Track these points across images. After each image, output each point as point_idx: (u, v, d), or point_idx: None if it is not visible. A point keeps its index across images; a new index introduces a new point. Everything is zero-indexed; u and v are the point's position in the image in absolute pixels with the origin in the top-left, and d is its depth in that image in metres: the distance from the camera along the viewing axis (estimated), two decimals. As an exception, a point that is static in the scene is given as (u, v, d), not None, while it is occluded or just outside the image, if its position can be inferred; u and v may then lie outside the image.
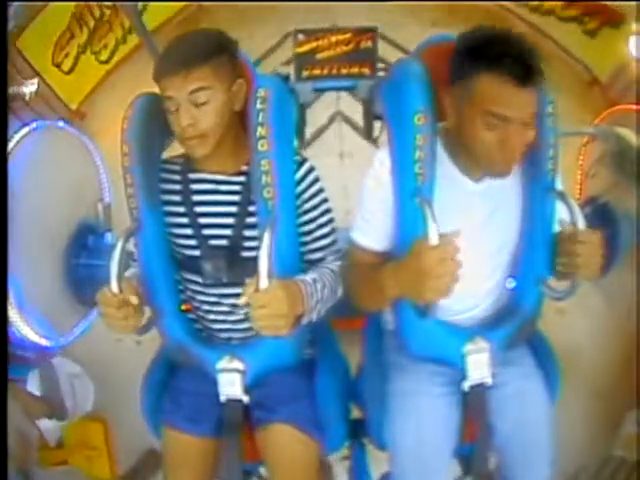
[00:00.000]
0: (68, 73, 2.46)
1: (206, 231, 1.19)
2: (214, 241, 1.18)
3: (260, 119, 1.10)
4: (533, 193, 1.17)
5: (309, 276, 1.10)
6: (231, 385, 1.17)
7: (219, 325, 1.25)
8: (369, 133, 2.39)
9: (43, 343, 1.91)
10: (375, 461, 1.47)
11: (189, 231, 1.19)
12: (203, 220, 1.19)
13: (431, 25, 2.94)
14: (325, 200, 1.20)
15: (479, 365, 1.17)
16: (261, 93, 1.11)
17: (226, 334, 1.26)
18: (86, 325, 2.14)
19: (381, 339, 1.34)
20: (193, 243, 1.19)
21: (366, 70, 2.21)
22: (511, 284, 1.23)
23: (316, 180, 1.18)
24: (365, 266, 1.15)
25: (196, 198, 1.19)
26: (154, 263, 1.19)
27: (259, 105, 1.10)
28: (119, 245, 1.08)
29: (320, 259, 1.21)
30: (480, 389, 1.18)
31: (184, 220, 1.19)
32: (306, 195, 1.17)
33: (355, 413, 1.40)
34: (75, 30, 2.40)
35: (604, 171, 2.30)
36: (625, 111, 2.23)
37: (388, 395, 1.23)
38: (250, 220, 1.17)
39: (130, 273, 1.21)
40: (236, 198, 1.18)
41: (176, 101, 1.08)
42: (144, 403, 1.33)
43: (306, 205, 1.17)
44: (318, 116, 2.72)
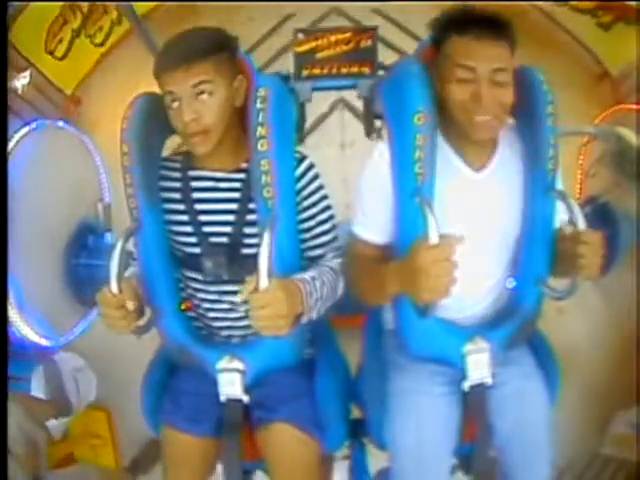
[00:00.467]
0: (62, 59, 2.42)
1: (206, 228, 1.19)
2: (214, 238, 1.18)
3: (260, 119, 1.10)
4: (533, 193, 1.17)
5: (308, 274, 1.10)
6: (231, 385, 1.17)
7: (219, 323, 1.25)
8: (370, 133, 2.39)
9: (43, 343, 1.91)
10: (375, 461, 1.47)
11: (189, 228, 1.19)
12: (203, 217, 1.19)
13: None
14: (325, 197, 1.20)
15: (479, 365, 1.17)
16: (261, 93, 1.11)
17: (226, 332, 1.26)
18: (86, 325, 2.14)
19: (381, 338, 1.34)
20: (193, 240, 1.20)
21: (366, 69, 2.21)
22: (511, 284, 1.23)
23: (316, 177, 1.18)
24: (368, 260, 1.16)
25: (196, 195, 1.19)
26: (154, 262, 1.19)
27: (259, 105, 1.10)
28: (119, 245, 1.08)
29: (320, 256, 1.21)
30: (480, 389, 1.18)
31: (184, 218, 1.19)
32: (306, 192, 1.17)
33: (355, 413, 1.40)
34: (68, 16, 2.36)
35: (604, 171, 2.30)
36: (626, 111, 2.23)
37: (388, 395, 1.23)
38: (250, 217, 1.17)
39: (130, 273, 1.21)
40: (236, 195, 1.18)
41: (177, 95, 1.08)
42: (144, 403, 1.33)
43: (306, 202, 1.17)
44: (319, 104, 2.65)
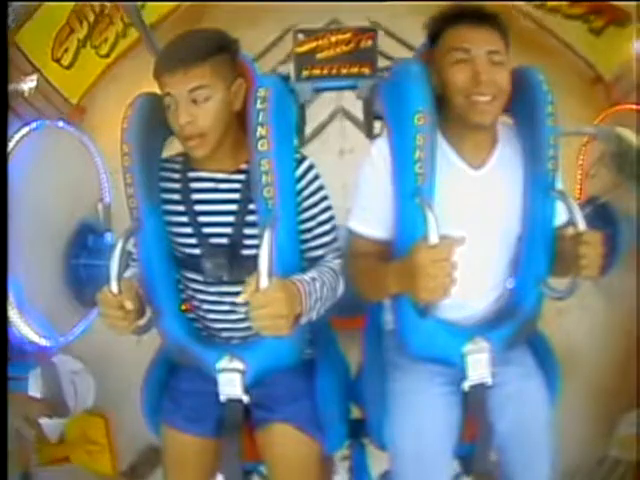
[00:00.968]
0: (68, 68, 2.45)
1: (206, 229, 1.19)
2: (214, 239, 1.18)
3: (260, 119, 1.10)
4: (533, 193, 1.17)
5: (308, 275, 1.10)
6: (231, 385, 1.17)
7: (219, 324, 1.25)
8: (370, 133, 2.39)
9: (43, 343, 1.91)
10: (375, 461, 1.47)
11: (189, 230, 1.19)
12: (203, 219, 1.19)
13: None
14: (325, 197, 1.20)
15: (479, 365, 1.17)
16: (261, 93, 1.11)
17: (226, 333, 1.26)
18: (86, 325, 2.14)
19: (381, 339, 1.34)
20: (193, 242, 1.19)
21: (366, 70, 2.21)
22: (511, 284, 1.23)
23: (316, 177, 1.18)
24: (367, 258, 1.16)
25: (196, 197, 1.19)
26: (154, 263, 1.18)
27: (259, 105, 1.10)
28: (119, 245, 1.08)
29: (320, 257, 1.20)
30: (480, 389, 1.18)
31: (184, 219, 1.19)
32: (306, 192, 1.17)
33: (355, 413, 1.40)
34: (75, 25, 2.38)
35: (604, 171, 2.30)
36: (626, 111, 2.24)
37: (388, 395, 1.23)
38: (250, 218, 1.16)
39: (130, 273, 1.21)
40: (236, 196, 1.18)
41: (175, 98, 1.09)
42: (144, 403, 1.33)
43: (306, 202, 1.17)
44: (319, 112, 2.69)
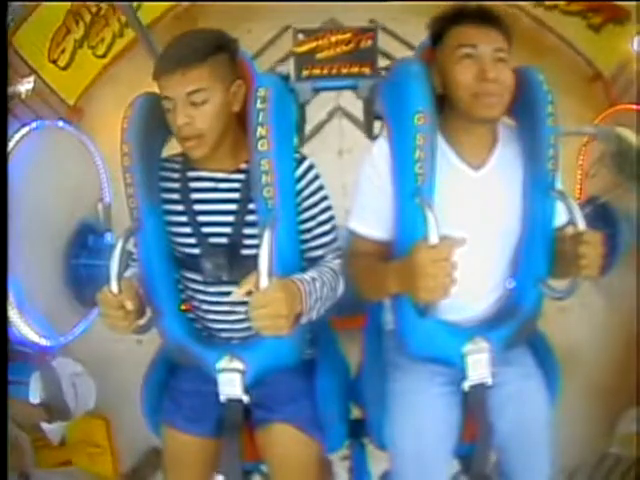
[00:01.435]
0: (65, 69, 2.44)
1: (206, 229, 1.19)
2: (214, 239, 1.18)
3: (260, 119, 1.10)
4: (533, 193, 1.17)
5: (308, 275, 1.10)
6: (231, 385, 1.17)
7: (219, 325, 1.25)
8: (370, 133, 2.39)
9: (43, 343, 1.91)
10: (375, 461, 1.47)
11: (189, 229, 1.19)
12: (203, 218, 1.19)
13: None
14: (325, 197, 1.20)
15: (479, 365, 1.17)
16: (261, 93, 1.11)
17: (226, 334, 1.26)
18: (86, 325, 2.14)
19: (381, 339, 1.34)
20: (193, 241, 1.19)
21: (366, 70, 2.21)
22: (511, 284, 1.23)
23: (316, 177, 1.18)
24: (368, 258, 1.16)
25: (195, 196, 1.19)
26: (154, 263, 1.18)
27: (259, 105, 1.10)
28: (119, 245, 1.08)
29: (320, 257, 1.21)
30: (480, 389, 1.18)
31: (184, 218, 1.19)
32: (306, 192, 1.17)
33: (355, 413, 1.40)
34: (71, 25, 2.38)
35: (604, 171, 2.30)
36: (626, 111, 2.24)
37: (388, 395, 1.23)
38: (250, 218, 1.16)
39: (130, 273, 1.21)
40: (236, 196, 1.18)
41: (173, 101, 1.09)
42: (144, 403, 1.33)
43: (306, 203, 1.17)
44: (318, 111, 2.68)
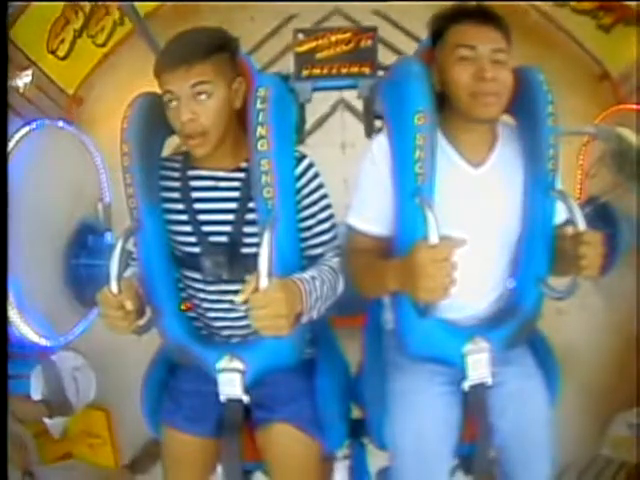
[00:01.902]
0: (64, 59, 2.43)
1: (206, 228, 1.19)
2: (214, 238, 1.18)
3: (260, 119, 1.10)
4: (533, 193, 1.17)
5: (308, 274, 1.10)
6: (231, 385, 1.17)
7: (219, 323, 1.25)
8: (370, 133, 2.38)
9: (43, 343, 1.91)
10: (375, 461, 1.47)
11: (189, 228, 1.19)
12: (203, 217, 1.19)
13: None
14: (325, 196, 1.20)
15: (479, 365, 1.17)
16: (261, 92, 1.11)
17: (226, 332, 1.26)
18: (86, 325, 2.14)
19: (381, 338, 1.34)
20: (193, 240, 1.19)
21: (366, 69, 2.20)
22: (511, 284, 1.23)
23: (316, 176, 1.18)
24: (367, 254, 1.16)
25: (195, 195, 1.19)
26: (154, 262, 1.19)
27: (259, 105, 1.10)
28: (119, 245, 1.08)
29: (320, 255, 1.21)
30: (480, 389, 1.18)
31: (184, 217, 1.19)
32: (306, 191, 1.17)
33: (355, 413, 1.40)
34: (70, 16, 2.37)
35: (604, 171, 2.30)
36: (626, 111, 2.23)
37: (388, 395, 1.23)
38: (250, 216, 1.17)
39: (130, 273, 1.21)
40: (236, 194, 1.18)
41: (176, 95, 1.08)
42: (144, 403, 1.33)
43: (306, 201, 1.17)
44: (320, 104, 2.66)
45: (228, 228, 1.18)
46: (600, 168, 2.33)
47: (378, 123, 2.18)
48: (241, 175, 1.18)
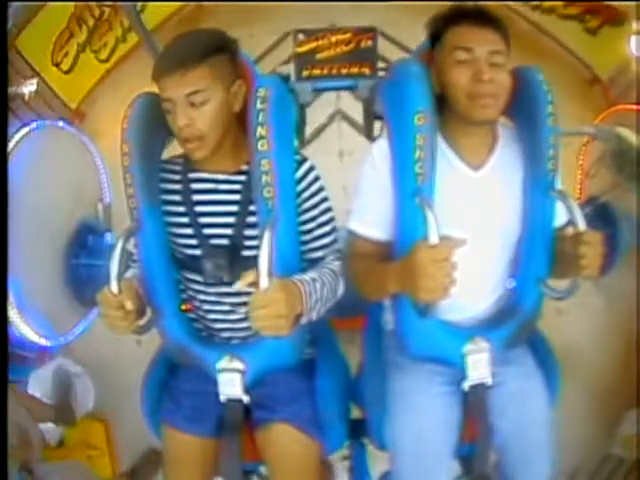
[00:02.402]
0: (67, 72, 2.46)
1: (207, 230, 1.19)
2: (215, 240, 1.18)
3: (260, 119, 1.10)
4: (533, 193, 1.17)
5: (308, 275, 1.10)
6: (231, 385, 1.17)
7: (219, 325, 1.25)
8: (370, 133, 2.39)
9: (43, 343, 1.91)
10: (375, 461, 1.47)
11: (189, 230, 1.19)
12: (203, 219, 1.19)
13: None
14: (325, 199, 1.20)
15: (479, 365, 1.17)
16: (261, 93, 1.11)
17: (226, 333, 1.26)
18: (86, 325, 2.14)
19: (381, 339, 1.34)
20: (194, 242, 1.19)
21: (366, 70, 2.21)
22: (511, 284, 1.23)
23: (316, 179, 1.18)
24: (368, 258, 1.16)
25: (196, 197, 1.19)
26: (154, 263, 1.18)
27: (259, 105, 1.10)
28: (119, 245, 1.07)
29: (320, 258, 1.20)
30: (480, 389, 1.18)
31: (184, 219, 1.19)
32: (306, 194, 1.17)
33: (355, 413, 1.40)
34: (74, 29, 2.39)
35: (604, 171, 2.30)
36: (625, 111, 2.24)
37: (388, 395, 1.23)
38: (251, 219, 1.16)
39: (130, 274, 1.21)
40: (236, 197, 1.18)
41: (173, 101, 1.08)
42: (144, 403, 1.33)
43: (306, 204, 1.17)
44: (318, 115, 2.70)
45: (229, 231, 1.18)
46: (600, 168, 2.33)
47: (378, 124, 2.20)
48: (242, 178, 1.18)
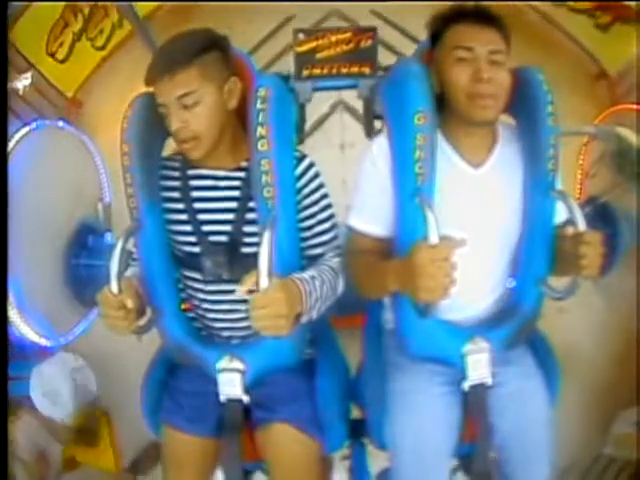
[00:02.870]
0: (63, 61, 2.43)
1: (206, 227, 1.19)
2: (214, 237, 1.18)
3: (260, 119, 1.10)
4: (533, 192, 1.17)
5: (308, 273, 1.10)
6: (231, 385, 1.17)
7: (219, 324, 1.25)
8: (370, 133, 2.38)
9: (43, 343, 1.91)
10: (375, 461, 1.47)
11: (189, 228, 1.19)
12: (203, 216, 1.19)
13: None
14: (325, 196, 1.20)
15: (479, 365, 1.17)
16: (261, 93, 1.11)
17: (226, 332, 1.26)
18: (86, 325, 2.14)
19: (381, 338, 1.34)
20: (193, 240, 1.19)
21: (366, 69, 2.21)
22: (511, 284, 1.23)
23: (316, 176, 1.18)
24: (368, 255, 1.16)
25: (195, 194, 1.19)
26: (154, 262, 1.19)
27: (259, 105, 1.10)
28: (119, 245, 1.08)
29: (320, 255, 1.21)
30: (480, 389, 1.18)
31: (184, 217, 1.19)
32: (306, 190, 1.17)
33: (355, 413, 1.40)
34: (69, 19, 2.37)
35: (604, 171, 2.30)
36: (626, 110, 2.23)
37: (388, 395, 1.23)
38: (250, 216, 1.17)
39: (130, 273, 1.21)
40: (236, 194, 1.18)
41: (166, 105, 1.09)
42: (144, 403, 1.33)
43: (306, 201, 1.17)
44: (320, 105, 2.67)
45: (228, 228, 1.18)
46: (600, 168, 2.32)
47: (378, 124, 2.19)
48: (241, 174, 1.18)
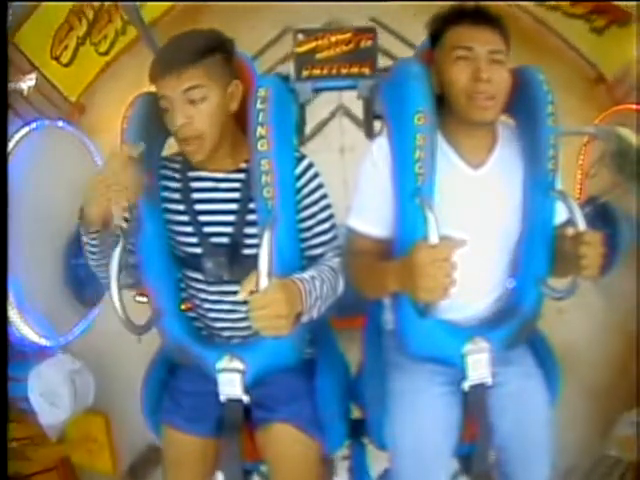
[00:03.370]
0: (67, 65, 2.45)
1: (207, 229, 1.19)
2: (215, 239, 1.18)
3: (260, 119, 1.10)
4: (533, 193, 1.17)
5: (308, 274, 1.10)
6: (231, 385, 1.17)
7: (220, 324, 1.25)
8: (370, 133, 2.39)
9: (43, 343, 1.91)
10: (375, 461, 1.47)
11: (190, 229, 1.19)
12: (203, 218, 1.19)
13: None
14: (325, 196, 1.20)
15: (479, 365, 1.17)
16: (261, 93, 1.11)
17: (227, 332, 1.26)
18: (86, 325, 2.14)
19: (381, 338, 1.34)
20: (194, 241, 1.20)
21: (366, 70, 2.21)
22: (511, 284, 1.23)
23: (315, 176, 1.18)
24: (367, 256, 1.16)
25: (196, 196, 1.19)
26: (155, 262, 1.19)
27: (259, 105, 1.10)
28: (119, 245, 1.08)
29: (320, 255, 1.21)
30: (480, 389, 1.18)
31: (184, 218, 1.19)
32: (306, 191, 1.17)
33: (355, 413, 1.40)
34: (74, 23, 2.39)
35: (604, 171, 2.30)
36: (626, 111, 2.23)
37: (388, 395, 1.23)
38: (251, 217, 1.17)
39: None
40: (236, 195, 1.18)
41: (170, 100, 1.09)
42: (144, 403, 1.33)
43: (306, 201, 1.17)
44: (319, 110, 2.69)
45: (229, 229, 1.18)
46: (600, 168, 2.33)
47: (378, 124, 2.20)
48: (241, 176, 1.18)
